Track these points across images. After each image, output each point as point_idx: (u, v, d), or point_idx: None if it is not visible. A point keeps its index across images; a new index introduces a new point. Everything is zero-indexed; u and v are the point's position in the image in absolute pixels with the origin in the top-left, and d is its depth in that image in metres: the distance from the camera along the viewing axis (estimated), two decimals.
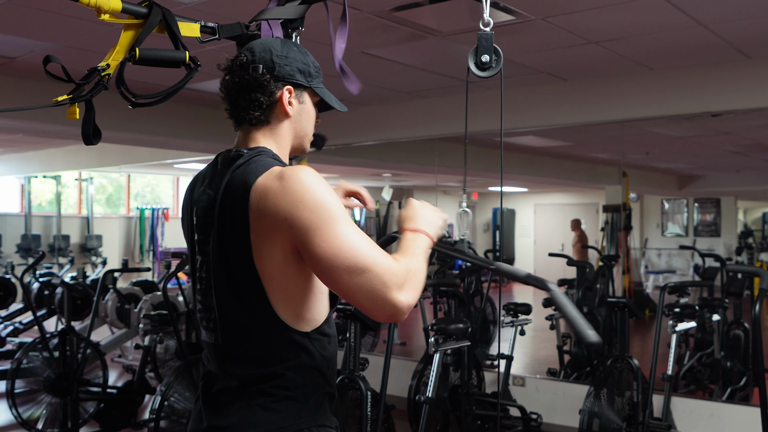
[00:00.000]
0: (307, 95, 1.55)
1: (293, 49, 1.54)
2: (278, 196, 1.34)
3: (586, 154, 8.42)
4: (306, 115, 1.56)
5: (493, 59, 1.82)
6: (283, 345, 1.42)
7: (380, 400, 3.65)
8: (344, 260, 1.31)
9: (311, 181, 1.35)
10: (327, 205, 1.33)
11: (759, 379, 2.67)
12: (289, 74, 1.50)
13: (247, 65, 1.48)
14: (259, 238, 1.37)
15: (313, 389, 1.44)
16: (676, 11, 3.57)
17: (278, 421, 1.39)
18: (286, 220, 1.33)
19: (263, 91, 1.48)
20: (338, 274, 1.32)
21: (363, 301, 1.33)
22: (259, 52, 1.50)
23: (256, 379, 1.42)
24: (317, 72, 1.57)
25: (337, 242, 1.31)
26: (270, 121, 1.51)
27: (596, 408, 4.06)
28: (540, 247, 10.55)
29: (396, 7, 3.57)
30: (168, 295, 4.87)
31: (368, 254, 1.32)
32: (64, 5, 3.46)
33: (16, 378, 4.72)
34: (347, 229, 1.34)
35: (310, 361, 1.43)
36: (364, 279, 1.31)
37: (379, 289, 1.31)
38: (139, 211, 11.39)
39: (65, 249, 10.26)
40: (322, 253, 1.32)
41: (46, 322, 6.13)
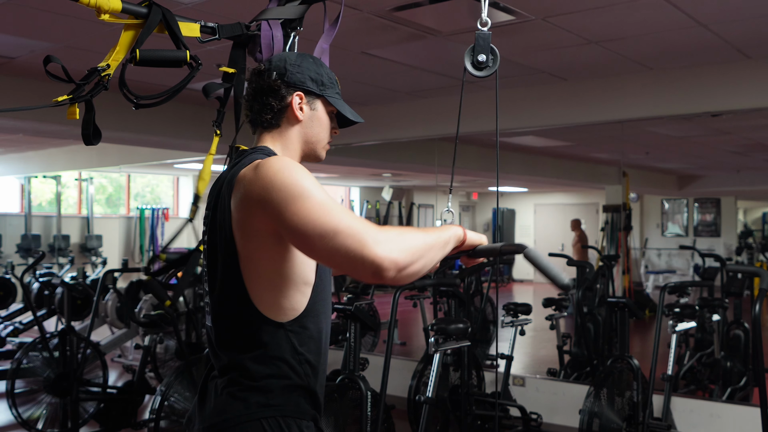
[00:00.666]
0: (321, 104, 1.61)
1: (308, 60, 1.61)
2: (252, 183, 1.41)
3: (586, 154, 8.42)
4: (318, 122, 1.61)
5: (490, 59, 1.82)
6: (255, 333, 1.46)
7: (380, 400, 3.65)
8: (314, 227, 1.32)
9: (281, 165, 1.40)
10: (295, 183, 1.36)
11: (759, 379, 2.67)
12: (300, 81, 1.58)
13: (262, 73, 1.59)
14: (239, 225, 1.44)
15: (279, 380, 1.46)
16: (676, 11, 3.57)
17: (241, 410, 1.43)
18: (259, 203, 1.39)
19: (275, 95, 1.57)
20: (313, 242, 1.33)
21: (342, 263, 1.32)
22: (275, 61, 1.60)
23: (229, 367, 1.48)
24: (331, 83, 1.62)
25: (306, 212, 1.33)
26: (280, 125, 1.59)
27: (596, 408, 4.06)
28: (540, 247, 10.47)
29: (396, 7, 3.57)
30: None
31: (339, 218, 1.32)
32: (64, 5, 3.46)
33: (16, 378, 4.71)
34: (317, 200, 1.35)
35: (278, 353, 1.46)
36: (337, 241, 1.30)
37: (354, 247, 1.29)
38: (139, 211, 11.39)
39: (65, 249, 10.26)
40: (295, 224, 1.34)
41: (46, 322, 6.12)
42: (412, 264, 1.33)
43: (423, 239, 1.39)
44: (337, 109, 1.62)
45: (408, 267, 1.32)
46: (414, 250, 1.34)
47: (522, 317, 5.02)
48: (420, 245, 1.37)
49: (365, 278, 1.33)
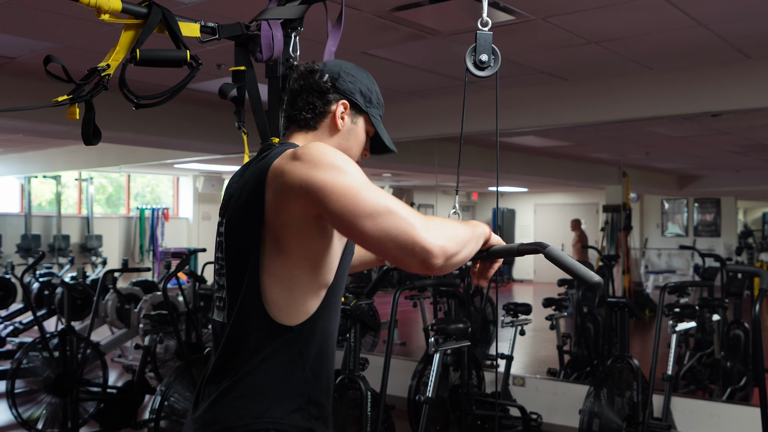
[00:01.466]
0: (362, 121, 1.58)
1: (363, 74, 1.59)
2: (293, 169, 1.35)
3: (586, 154, 8.42)
4: (354, 137, 1.58)
5: (491, 59, 1.82)
6: (259, 337, 1.41)
7: (380, 400, 3.65)
8: (365, 206, 1.28)
9: (323, 149, 1.36)
10: (339, 164, 1.33)
11: (759, 379, 2.67)
12: (350, 90, 1.55)
13: (315, 71, 1.55)
14: (275, 216, 1.37)
15: (276, 389, 1.40)
16: (676, 11, 3.57)
17: (234, 420, 1.38)
18: (301, 187, 1.33)
19: (320, 97, 1.53)
20: (362, 222, 1.28)
21: (391, 247, 1.28)
22: (331, 65, 1.57)
23: (227, 369, 1.43)
24: (379, 104, 1.61)
25: (354, 192, 1.30)
26: (317, 128, 1.55)
27: (596, 408, 4.06)
28: None
29: (396, 7, 3.57)
30: (168, 295, 4.87)
31: (389, 200, 1.30)
32: (64, 5, 3.46)
33: (16, 378, 4.71)
34: (363, 180, 1.32)
35: (279, 359, 1.40)
36: (389, 221, 1.27)
37: (406, 230, 1.26)
38: (139, 211, 11.39)
39: (65, 249, 10.26)
40: (342, 205, 1.29)
41: (46, 322, 6.13)
42: (458, 254, 1.32)
43: (464, 230, 1.37)
44: (376, 131, 1.59)
45: (455, 256, 1.31)
46: (459, 240, 1.33)
47: (522, 317, 5.02)
48: (462, 236, 1.35)
49: (412, 266, 1.29)
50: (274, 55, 1.86)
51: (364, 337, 6.19)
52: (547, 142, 7.49)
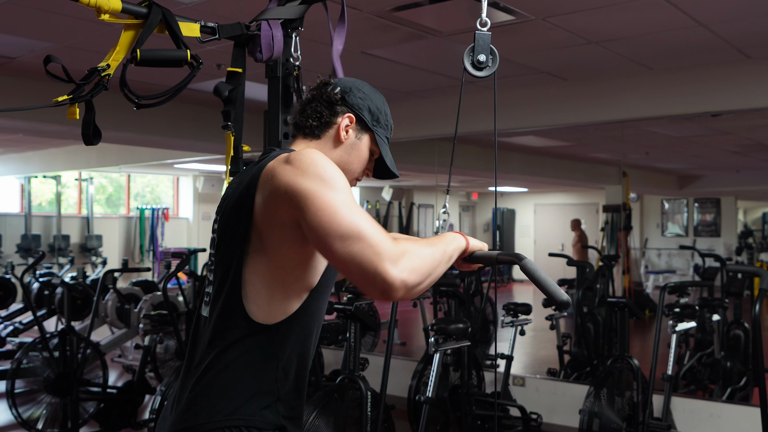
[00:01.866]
0: (367, 138, 1.58)
1: (376, 95, 1.60)
2: (283, 172, 1.36)
3: (586, 154, 8.42)
4: (356, 153, 1.57)
5: (489, 59, 1.82)
6: (236, 335, 1.41)
7: (380, 400, 3.65)
8: (338, 226, 1.28)
9: (315, 157, 1.36)
10: (327, 176, 1.33)
11: (759, 379, 2.67)
12: (358, 106, 1.56)
13: (328, 84, 1.57)
14: (263, 218, 1.39)
15: (248, 387, 1.40)
16: (676, 11, 3.57)
17: (204, 418, 1.38)
18: (286, 192, 1.34)
19: (328, 107, 1.54)
20: (332, 241, 1.28)
21: (354, 272, 1.29)
22: (345, 80, 1.59)
23: (200, 365, 1.43)
24: (386, 126, 1.61)
25: (333, 209, 1.30)
26: (320, 138, 1.55)
27: (596, 408, 4.06)
28: (540, 247, 10.55)
29: (396, 7, 3.57)
30: (168, 295, 4.87)
31: (364, 224, 1.29)
32: (64, 5, 3.46)
33: (16, 378, 4.71)
34: (345, 199, 1.32)
35: (254, 357, 1.40)
36: (356, 247, 1.26)
37: (371, 258, 1.26)
38: (139, 211, 11.39)
39: (65, 249, 10.25)
40: (318, 219, 1.30)
41: (46, 322, 6.13)
42: (422, 283, 1.32)
43: (432, 257, 1.37)
44: (380, 151, 1.59)
45: (417, 286, 1.31)
46: (425, 269, 1.33)
47: (522, 317, 5.02)
48: (429, 264, 1.35)
49: (371, 294, 1.31)
50: (274, 55, 1.86)
51: (364, 337, 6.19)
52: (547, 142, 7.49)
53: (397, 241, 1.33)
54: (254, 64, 1.90)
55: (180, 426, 1.41)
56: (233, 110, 1.88)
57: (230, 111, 1.88)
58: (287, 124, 1.94)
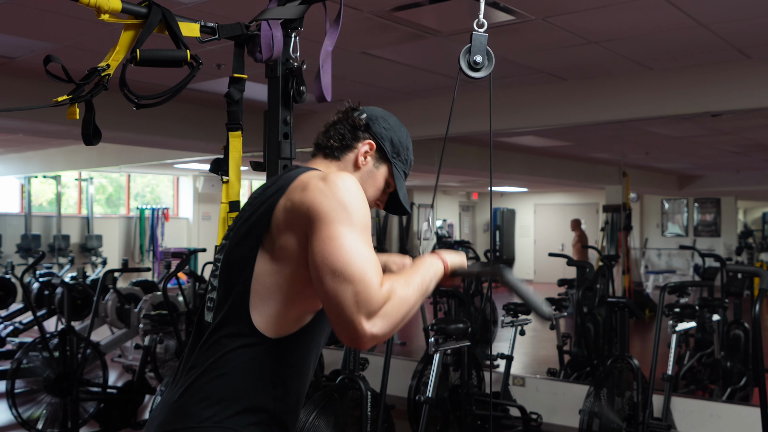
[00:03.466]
0: (385, 169, 1.59)
1: (402, 129, 1.61)
2: (315, 188, 1.36)
3: (586, 154, 8.42)
4: (372, 181, 1.58)
5: (486, 60, 1.82)
6: (236, 344, 1.39)
7: (380, 400, 3.65)
8: (336, 261, 1.29)
9: (349, 184, 1.37)
10: (350, 208, 1.34)
11: (759, 379, 2.67)
12: (381, 135, 1.57)
13: (356, 109, 1.60)
14: (281, 225, 1.38)
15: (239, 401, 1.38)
16: (676, 11, 3.57)
17: (191, 425, 1.37)
18: (309, 209, 1.34)
19: (351, 131, 1.56)
20: (324, 273, 1.29)
21: (332, 310, 1.30)
22: (374, 110, 1.61)
23: (193, 372, 1.42)
24: (406, 161, 1.62)
25: (339, 243, 1.30)
26: (340, 160, 1.56)
27: (596, 408, 4.06)
28: (540, 247, 10.55)
29: (396, 7, 3.57)
30: (168, 295, 4.87)
31: (361, 268, 1.29)
32: (64, 5, 3.46)
33: (16, 378, 4.71)
34: (356, 236, 1.32)
35: (251, 370, 1.39)
36: (342, 289, 1.28)
37: (350, 307, 1.27)
38: (139, 211, 11.39)
39: (65, 249, 10.26)
40: (322, 245, 1.31)
41: (46, 322, 6.12)
42: (392, 332, 1.33)
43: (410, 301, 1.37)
44: (395, 185, 1.59)
45: (386, 336, 1.32)
46: (399, 317, 1.33)
47: (522, 317, 5.02)
48: (406, 310, 1.35)
49: (340, 337, 1.31)
50: (273, 55, 1.86)
51: None
52: (547, 142, 7.49)
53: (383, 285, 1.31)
54: (254, 64, 1.90)
55: (168, 427, 1.39)
56: (240, 110, 1.89)
57: (237, 111, 1.88)
58: (287, 124, 1.94)
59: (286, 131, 1.94)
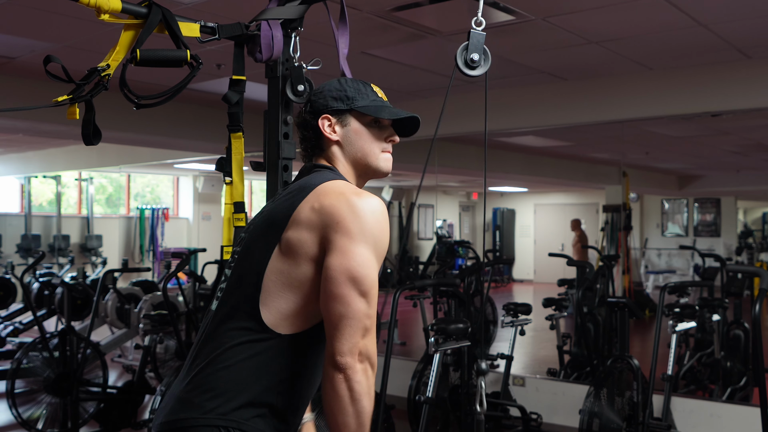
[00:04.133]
0: (353, 118, 1.59)
1: (334, 83, 1.61)
2: (346, 206, 1.41)
3: (586, 154, 8.42)
4: (356, 137, 1.59)
5: (482, 58, 1.83)
6: (244, 339, 1.41)
7: (380, 400, 3.65)
8: (355, 270, 1.36)
9: (379, 210, 1.43)
10: (376, 239, 1.40)
11: (759, 379, 2.67)
12: (323, 105, 1.58)
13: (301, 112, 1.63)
14: (299, 225, 1.42)
15: (245, 394, 1.39)
16: (676, 11, 3.57)
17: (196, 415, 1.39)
18: (339, 221, 1.39)
19: (306, 128, 1.60)
20: (342, 279, 1.36)
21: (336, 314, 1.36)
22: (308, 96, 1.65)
23: (201, 363, 1.44)
24: (359, 93, 1.60)
25: (362, 260, 1.37)
26: (324, 149, 1.60)
27: (596, 408, 4.06)
28: (540, 247, 10.55)
29: (396, 7, 3.57)
30: (168, 295, 4.87)
31: (373, 284, 1.38)
32: (64, 5, 3.46)
33: (16, 378, 4.71)
34: (372, 257, 1.39)
35: (258, 365, 1.40)
36: (359, 297, 1.36)
37: (359, 320, 1.35)
38: (139, 211, 11.39)
39: (65, 249, 10.25)
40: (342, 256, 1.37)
41: (46, 322, 6.12)
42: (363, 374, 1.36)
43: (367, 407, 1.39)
44: (368, 113, 1.59)
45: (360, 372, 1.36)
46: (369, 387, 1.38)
47: (522, 317, 5.02)
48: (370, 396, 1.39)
49: (331, 346, 1.36)
50: (273, 55, 1.86)
51: None
52: (547, 142, 7.49)
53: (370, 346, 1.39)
54: (254, 64, 1.90)
55: (173, 417, 1.41)
56: (241, 112, 1.89)
57: (238, 113, 1.88)
58: (287, 124, 1.94)
59: (286, 131, 1.94)
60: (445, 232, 10.60)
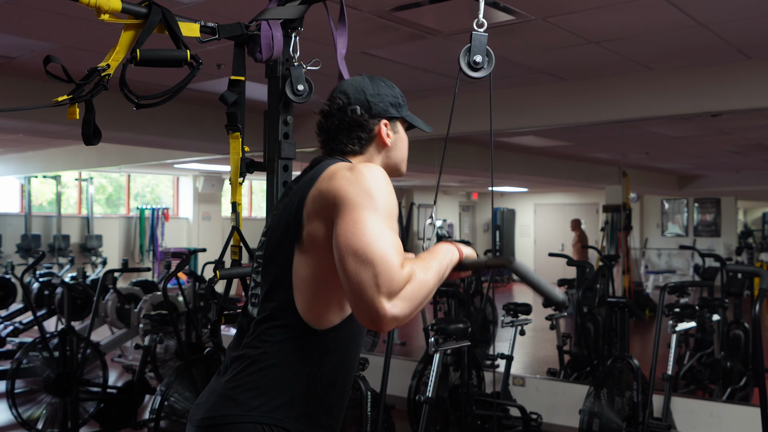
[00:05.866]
0: (399, 125, 1.65)
1: (382, 85, 1.62)
2: (342, 178, 1.41)
3: (586, 154, 8.42)
4: (401, 143, 1.65)
5: (485, 60, 1.83)
6: (284, 336, 1.44)
7: (380, 400, 3.65)
8: (357, 242, 1.31)
9: (376, 173, 1.42)
10: (375, 194, 1.37)
11: (759, 379, 2.67)
12: (384, 110, 1.60)
13: (344, 108, 1.58)
14: (310, 216, 1.43)
15: (288, 390, 1.42)
16: (676, 11, 3.57)
17: (239, 411, 1.41)
18: (336, 196, 1.38)
19: (363, 129, 1.58)
20: (346, 256, 1.32)
21: (354, 293, 1.31)
22: (353, 93, 1.59)
23: (242, 360, 1.46)
24: (404, 101, 1.66)
25: (362, 226, 1.33)
26: (364, 153, 1.60)
27: (596, 408, 4.06)
28: (540, 247, 10.55)
29: (396, 7, 3.57)
30: (168, 295, 4.87)
31: (383, 250, 1.31)
32: (64, 5, 3.46)
33: (16, 378, 4.71)
34: (380, 221, 1.35)
35: (298, 361, 1.43)
36: (363, 269, 1.29)
37: (371, 287, 1.28)
38: (139, 211, 11.39)
39: (65, 249, 10.25)
40: (345, 228, 1.34)
41: (46, 322, 6.12)
42: (411, 315, 1.34)
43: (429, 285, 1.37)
44: (415, 125, 1.66)
45: (406, 319, 1.33)
46: (419, 299, 1.34)
47: (522, 317, 5.02)
48: (425, 293, 1.36)
49: (362, 320, 1.32)
50: (273, 55, 1.87)
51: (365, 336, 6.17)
52: (547, 142, 7.49)
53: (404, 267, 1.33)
54: (254, 64, 1.90)
55: (216, 413, 1.43)
56: (239, 112, 1.89)
57: (236, 113, 1.89)
58: (287, 124, 1.94)
59: (286, 131, 1.94)
60: (445, 232, 10.60)
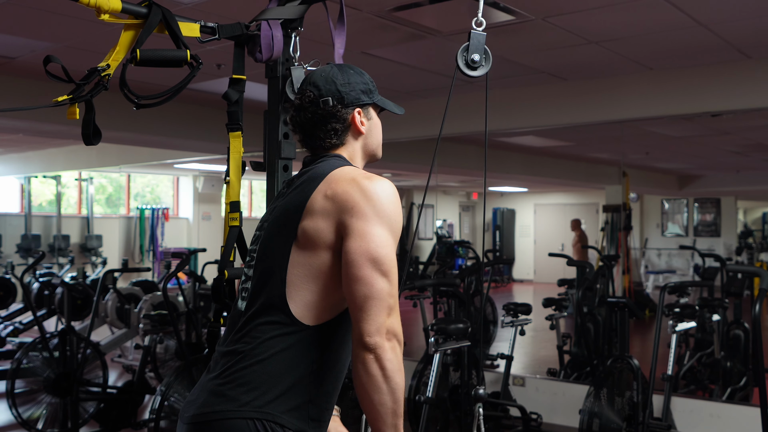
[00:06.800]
0: (372, 110, 1.65)
1: (351, 73, 1.62)
2: (358, 191, 1.44)
3: (586, 154, 8.42)
4: (375, 129, 1.66)
5: (483, 59, 1.83)
6: (278, 327, 1.44)
7: None
8: (375, 251, 1.39)
9: (391, 192, 1.46)
10: (390, 219, 1.43)
11: (759, 379, 2.67)
12: (356, 98, 1.60)
13: (316, 100, 1.57)
14: (314, 214, 1.45)
15: (278, 385, 1.42)
16: (676, 11, 3.57)
17: (230, 407, 1.42)
18: (353, 206, 1.43)
19: (337, 120, 1.58)
20: (362, 261, 1.38)
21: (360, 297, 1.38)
22: (324, 85, 1.58)
23: (232, 356, 1.46)
24: (374, 86, 1.66)
25: (380, 241, 1.40)
26: (344, 143, 1.61)
27: (596, 408, 4.06)
28: (540, 247, 10.55)
29: (396, 7, 3.57)
30: (168, 295, 4.87)
31: (392, 263, 1.40)
32: (64, 5, 3.46)
33: (16, 378, 4.71)
34: (389, 237, 1.42)
35: (290, 357, 1.43)
36: (379, 277, 1.38)
37: (383, 299, 1.38)
38: (139, 211, 11.39)
39: (65, 249, 10.25)
40: (360, 239, 1.39)
41: (46, 322, 6.12)
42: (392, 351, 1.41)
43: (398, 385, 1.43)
44: (387, 108, 1.67)
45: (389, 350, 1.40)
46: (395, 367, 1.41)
47: (522, 317, 5.02)
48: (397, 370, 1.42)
49: (358, 329, 1.38)
50: (273, 55, 1.86)
51: None
52: (547, 142, 7.49)
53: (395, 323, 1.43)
54: (254, 64, 1.90)
55: (207, 409, 1.44)
56: (240, 111, 1.89)
57: (237, 112, 1.88)
58: (287, 124, 1.94)
59: (287, 131, 1.94)
60: (445, 232, 10.61)
